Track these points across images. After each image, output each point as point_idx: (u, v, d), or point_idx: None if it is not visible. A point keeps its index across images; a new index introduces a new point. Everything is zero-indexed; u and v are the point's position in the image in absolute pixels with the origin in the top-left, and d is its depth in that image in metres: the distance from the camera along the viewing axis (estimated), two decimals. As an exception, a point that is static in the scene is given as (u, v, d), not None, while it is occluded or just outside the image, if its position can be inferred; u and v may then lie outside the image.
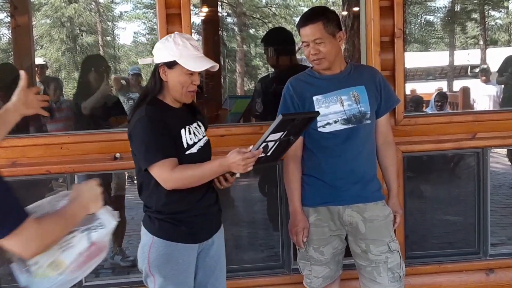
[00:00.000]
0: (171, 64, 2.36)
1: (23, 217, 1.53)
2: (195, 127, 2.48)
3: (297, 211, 2.74)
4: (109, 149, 3.37)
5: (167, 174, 2.29)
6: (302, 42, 2.66)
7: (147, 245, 2.41)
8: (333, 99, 2.67)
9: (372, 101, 2.71)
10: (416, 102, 7.85)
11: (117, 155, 3.35)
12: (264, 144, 2.23)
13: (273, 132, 2.22)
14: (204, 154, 2.45)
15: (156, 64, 2.42)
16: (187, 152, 2.37)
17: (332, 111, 2.66)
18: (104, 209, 1.77)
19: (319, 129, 2.67)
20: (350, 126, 2.66)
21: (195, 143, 2.41)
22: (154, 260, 2.39)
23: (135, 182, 2.68)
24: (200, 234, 2.47)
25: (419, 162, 4.13)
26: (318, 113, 2.59)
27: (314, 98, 2.67)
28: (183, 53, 2.36)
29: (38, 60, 6.91)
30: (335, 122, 2.66)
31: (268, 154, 2.31)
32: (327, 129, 2.66)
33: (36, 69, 5.72)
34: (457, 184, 4.55)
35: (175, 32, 2.48)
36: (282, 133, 2.28)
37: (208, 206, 2.48)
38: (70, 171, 3.35)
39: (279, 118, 2.20)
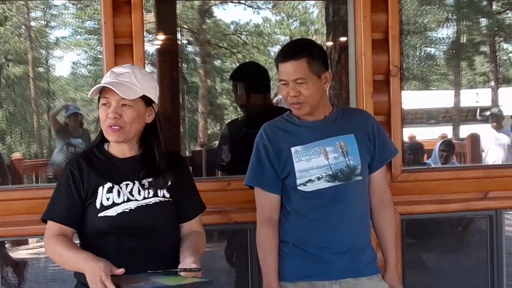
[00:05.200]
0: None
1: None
2: (139, 185, 2.44)
3: (272, 286, 2.72)
4: (39, 209, 3.31)
5: (45, 239, 2.43)
6: (280, 80, 2.69)
7: None
8: (316, 151, 2.69)
9: (364, 152, 2.74)
10: (415, 150, 7.93)
11: None
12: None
13: None
14: (136, 221, 2.41)
15: None
16: (100, 214, 2.38)
17: (314, 165, 2.68)
18: None
19: (299, 188, 2.68)
20: (336, 183, 2.68)
21: (115, 204, 2.39)
22: None
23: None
24: None
25: (420, 225, 4.15)
26: (211, 282, 2.38)
27: (293, 149, 2.69)
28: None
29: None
30: (318, 179, 2.67)
31: None
32: (309, 187, 2.68)
33: None
34: (466, 253, 4.57)
35: None
36: None
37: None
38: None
39: None
